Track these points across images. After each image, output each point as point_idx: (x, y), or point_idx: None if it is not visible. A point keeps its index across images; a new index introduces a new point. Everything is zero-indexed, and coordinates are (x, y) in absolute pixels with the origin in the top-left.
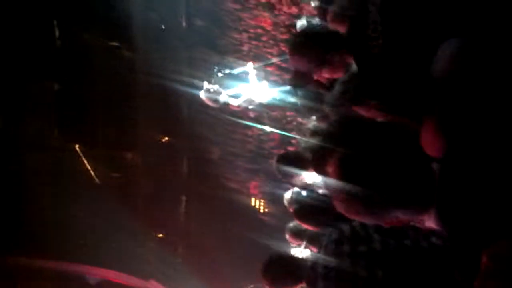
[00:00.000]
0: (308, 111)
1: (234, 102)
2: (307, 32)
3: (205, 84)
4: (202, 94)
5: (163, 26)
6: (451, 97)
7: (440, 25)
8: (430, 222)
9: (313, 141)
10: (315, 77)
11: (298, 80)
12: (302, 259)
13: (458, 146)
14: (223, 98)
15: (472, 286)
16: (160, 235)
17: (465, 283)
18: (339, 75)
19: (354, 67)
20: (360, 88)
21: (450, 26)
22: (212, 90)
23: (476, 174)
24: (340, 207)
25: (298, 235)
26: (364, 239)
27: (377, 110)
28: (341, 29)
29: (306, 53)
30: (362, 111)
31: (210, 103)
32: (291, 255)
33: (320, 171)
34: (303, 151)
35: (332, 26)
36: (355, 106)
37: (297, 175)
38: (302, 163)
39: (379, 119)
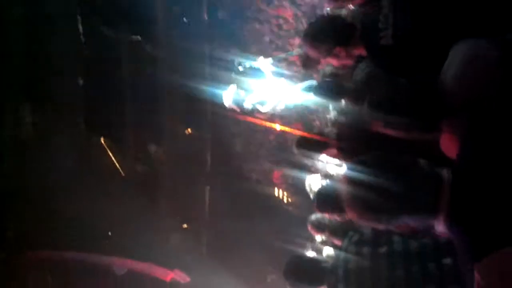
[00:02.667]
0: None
1: (260, 109)
2: (319, 24)
3: (230, 88)
4: (226, 99)
5: (185, 19)
6: (468, 101)
7: (452, 22)
8: (440, 228)
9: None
10: (323, 63)
11: (308, 63)
12: (323, 261)
13: (473, 151)
14: (247, 104)
15: None
16: (185, 226)
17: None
18: (348, 63)
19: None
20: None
21: (462, 23)
22: (236, 93)
23: (489, 180)
24: (351, 214)
25: (320, 227)
26: (384, 240)
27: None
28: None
29: (316, 45)
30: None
31: (234, 108)
32: (312, 257)
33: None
34: (323, 136)
35: None
36: (374, 124)
37: (316, 159)
38: (322, 148)
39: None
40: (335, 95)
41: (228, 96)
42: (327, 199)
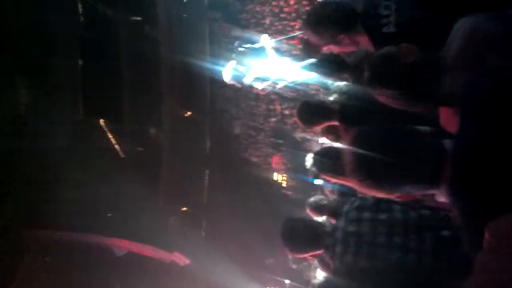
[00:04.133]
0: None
1: (258, 85)
2: (322, 11)
3: (230, 64)
4: (225, 74)
5: (184, 0)
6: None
7: (453, 5)
8: (441, 197)
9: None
10: (325, 49)
11: (309, 49)
12: (321, 224)
13: (473, 124)
14: (247, 80)
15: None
16: (184, 209)
17: (472, 256)
18: (350, 50)
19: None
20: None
21: (463, 4)
22: (236, 69)
23: (489, 150)
24: (352, 182)
25: (319, 209)
26: (385, 207)
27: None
28: None
29: (318, 32)
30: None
31: (234, 83)
32: (310, 220)
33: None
34: (328, 103)
35: None
36: (372, 89)
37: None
38: (325, 116)
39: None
40: (336, 69)
41: (227, 72)
42: (328, 163)
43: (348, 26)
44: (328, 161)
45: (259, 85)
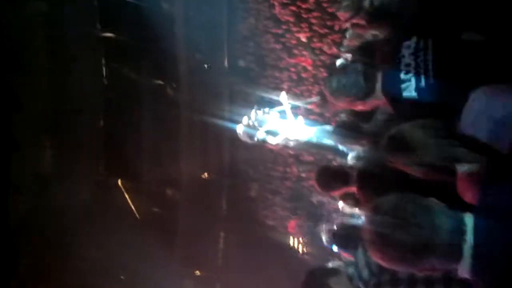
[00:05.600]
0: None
1: (271, 140)
2: (341, 82)
3: (244, 120)
4: (239, 129)
5: (206, 66)
6: (487, 146)
7: (473, 71)
8: (463, 273)
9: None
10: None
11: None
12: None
13: (492, 197)
14: (260, 135)
15: None
16: (198, 273)
17: None
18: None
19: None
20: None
21: (482, 70)
22: (250, 125)
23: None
24: (375, 256)
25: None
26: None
27: (410, 166)
28: (380, 31)
29: (341, 100)
30: (397, 165)
31: (246, 139)
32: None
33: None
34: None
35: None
36: (389, 157)
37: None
38: (344, 182)
39: (412, 174)
40: (353, 136)
41: (240, 128)
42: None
43: (366, 94)
44: (346, 239)
45: (272, 140)
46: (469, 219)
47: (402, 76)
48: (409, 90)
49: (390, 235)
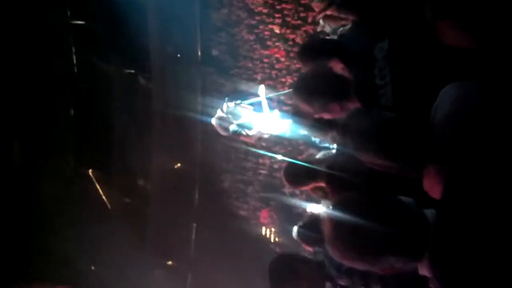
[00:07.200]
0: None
1: (245, 133)
2: (312, 80)
3: (218, 112)
4: (214, 121)
5: (178, 55)
6: (452, 142)
7: (447, 70)
8: (423, 271)
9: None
10: (315, 116)
11: (299, 115)
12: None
13: (457, 193)
14: (234, 127)
15: None
16: (170, 262)
17: None
18: (340, 117)
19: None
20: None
21: (454, 71)
22: (223, 118)
23: (474, 222)
24: (334, 253)
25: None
26: None
27: (377, 160)
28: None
29: (308, 102)
30: (363, 158)
31: (220, 131)
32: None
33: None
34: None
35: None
36: (358, 152)
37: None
38: (311, 177)
39: (379, 169)
40: (324, 127)
41: (214, 120)
42: (310, 235)
43: (339, 95)
44: (312, 233)
45: (245, 133)
46: (432, 216)
47: (378, 81)
48: (386, 98)
49: (349, 232)
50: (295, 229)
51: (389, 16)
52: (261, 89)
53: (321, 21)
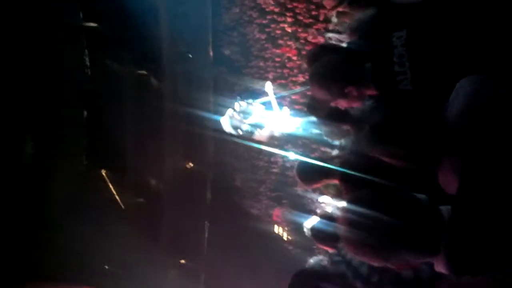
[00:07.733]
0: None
1: (256, 132)
2: (328, 64)
3: (228, 111)
4: (223, 121)
5: (190, 55)
6: (468, 137)
7: (467, 59)
8: (439, 267)
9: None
10: (332, 105)
11: (315, 106)
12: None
13: (473, 187)
14: (245, 127)
15: None
16: (183, 261)
17: None
18: (357, 105)
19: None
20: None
21: (472, 59)
22: (234, 117)
23: (490, 217)
24: (349, 249)
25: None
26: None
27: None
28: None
29: (325, 86)
30: (377, 153)
31: (231, 131)
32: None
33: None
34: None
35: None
36: (373, 145)
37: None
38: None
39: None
40: (338, 119)
41: (225, 120)
42: (324, 234)
43: (356, 79)
44: (325, 231)
45: (257, 132)
46: (448, 212)
47: (397, 68)
48: (405, 83)
49: (364, 228)
50: (307, 226)
51: (406, 7)
52: (268, 86)
53: (333, 19)
